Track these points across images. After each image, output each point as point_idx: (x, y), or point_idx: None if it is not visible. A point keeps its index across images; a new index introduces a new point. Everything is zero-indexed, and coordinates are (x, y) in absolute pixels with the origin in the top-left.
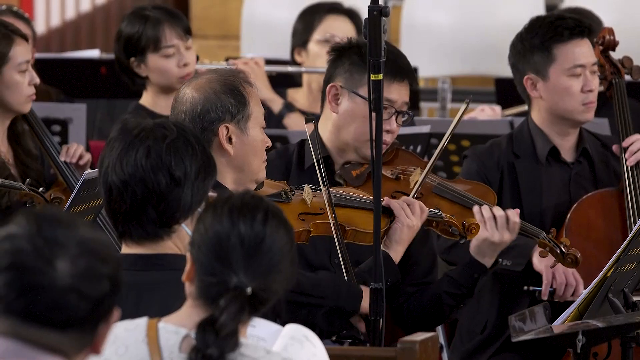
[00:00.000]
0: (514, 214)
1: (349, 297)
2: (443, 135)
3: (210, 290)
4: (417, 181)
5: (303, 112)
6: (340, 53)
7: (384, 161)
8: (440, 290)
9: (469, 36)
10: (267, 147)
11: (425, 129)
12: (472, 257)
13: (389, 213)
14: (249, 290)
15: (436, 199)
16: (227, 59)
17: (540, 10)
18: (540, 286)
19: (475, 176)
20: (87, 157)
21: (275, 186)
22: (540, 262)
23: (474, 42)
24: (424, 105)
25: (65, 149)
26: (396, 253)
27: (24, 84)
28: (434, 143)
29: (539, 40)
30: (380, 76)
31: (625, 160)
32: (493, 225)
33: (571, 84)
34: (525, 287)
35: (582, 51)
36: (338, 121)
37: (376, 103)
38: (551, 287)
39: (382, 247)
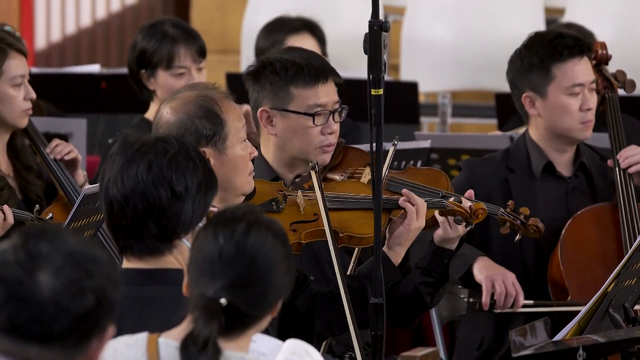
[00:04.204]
0: (467, 201)
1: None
2: (444, 150)
3: (195, 303)
4: (369, 180)
5: None
6: (256, 76)
7: (332, 165)
8: (415, 283)
9: (470, 51)
10: (253, 157)
11: (426, 143)
12: (437, 245)
13: (387, 211)
14: (222, 301)
15: (390, 194)
16: (227, 74)
17: (541, 25)
18: (481, 298)
19: (461, 187)
20: (74, 154)
21: (269, 191)
22: (480, 273)
23: (475, 57)
24: (425, 120)
25: (53, 144)
26: (397, 255)
27: (18, 98)
28: (434, 158)
29: (538, 58)
30: (381, 91)
31: (620, 170)
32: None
33: (570, 102)
34: (466, 299)
35: (581, 70)
36: (279, 141)
37: (376, 117)
38: (492, 297)
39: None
